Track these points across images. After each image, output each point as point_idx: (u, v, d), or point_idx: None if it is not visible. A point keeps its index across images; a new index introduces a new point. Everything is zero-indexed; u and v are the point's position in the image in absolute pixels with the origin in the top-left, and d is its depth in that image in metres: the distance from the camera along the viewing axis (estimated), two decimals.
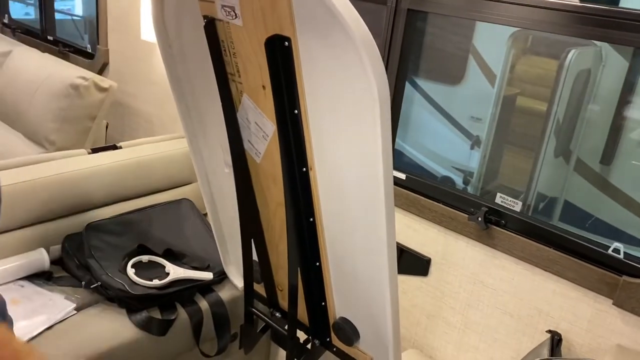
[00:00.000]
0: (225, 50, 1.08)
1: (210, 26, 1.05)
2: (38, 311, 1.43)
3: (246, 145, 1.21)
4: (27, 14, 3.39)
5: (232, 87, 1.14)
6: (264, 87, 1.04)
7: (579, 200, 1.70)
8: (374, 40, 0.78)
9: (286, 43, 0.91)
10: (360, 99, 0.85)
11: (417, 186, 1.49)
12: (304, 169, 1.07)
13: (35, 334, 1.35)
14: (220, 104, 1.18)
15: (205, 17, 1.05)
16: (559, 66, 1.61)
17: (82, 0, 3.47)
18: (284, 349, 1.49)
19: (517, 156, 1.77)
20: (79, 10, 3.52)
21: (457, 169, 1.87)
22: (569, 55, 1.60)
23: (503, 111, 1.71)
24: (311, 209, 1.13)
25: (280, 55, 0.93)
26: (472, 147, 1.81)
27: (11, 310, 1.43)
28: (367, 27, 0.78)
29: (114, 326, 1.44)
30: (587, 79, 1.71)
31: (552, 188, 1.68)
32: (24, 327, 1.37)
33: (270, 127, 1.10)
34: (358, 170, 0.97)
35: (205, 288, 1.62)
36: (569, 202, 1.71)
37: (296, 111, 0.99)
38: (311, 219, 1.15)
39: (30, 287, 1.52)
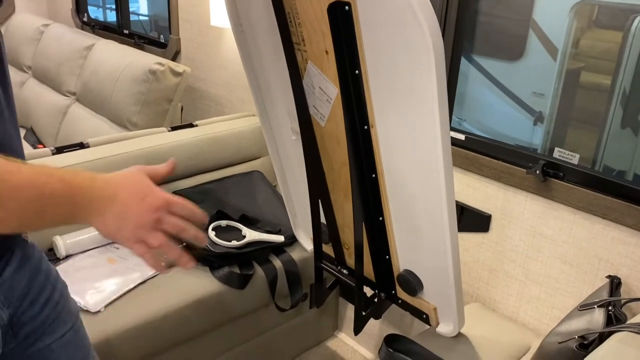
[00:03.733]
0: (291, 22, 1.18)
1: (277, 0, 1.16)
2: (132, 269, 1.60)
3: (311, 111, 1.31)
4: (96, 17, 3.59)
5: (297, 56, 1.24)
6: (327, 52, 1.13)
7: None
8: None
9: (346, 7, 1.00)
10: (416, 51, 0.93)
11: (475, 145, 1.53)
12: (366, 126, 1.16)
13: (131, 287, 1.52)
14: (285, 74, 1.27)
15: None
16: (624, 34, 1.58)
17: (147, 2, 3.66)
18: (352, 302, 1.58)
19: (581, 130, 1.75)
20: (143, 10, 3.72)
21: (520, 146, 1.88)
22: (635, 22, 1.57)
23: (566, 85, 1.70)
24: (373, 166, 1.21)
25: (341, 19, 1.02)
26: (535, 123, 1.81)
27: (109, 268, 1.62)
28: None
29: (199, 281, 1.59)
30: None
31: (620, 160, 1.66)
32: (121, 281, 1.54)
33: (333, 90, 1.20)
34: (415, 123, 1.04)
35: (278, 249, 1.75)
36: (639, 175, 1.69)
37: (357, 71, 1.08)
38: (373, 175, 1.23)
39: (124, 249, 1.70)
